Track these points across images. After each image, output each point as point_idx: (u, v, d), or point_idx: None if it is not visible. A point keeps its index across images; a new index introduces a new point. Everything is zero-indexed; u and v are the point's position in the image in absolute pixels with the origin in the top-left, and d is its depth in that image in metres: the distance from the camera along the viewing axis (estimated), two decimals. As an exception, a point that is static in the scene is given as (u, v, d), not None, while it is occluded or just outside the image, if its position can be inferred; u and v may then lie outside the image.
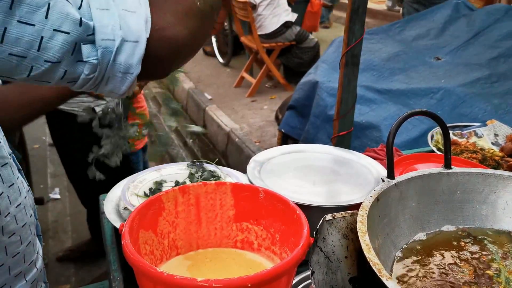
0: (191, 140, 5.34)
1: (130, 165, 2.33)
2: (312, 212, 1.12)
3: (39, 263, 0.98)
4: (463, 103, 2.79)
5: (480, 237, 0.87)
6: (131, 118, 1.74)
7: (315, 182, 1.34)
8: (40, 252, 1.01)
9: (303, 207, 0.99)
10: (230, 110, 5.38)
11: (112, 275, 1.16)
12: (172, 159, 4.71)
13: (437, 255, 0.83)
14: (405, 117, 0.86)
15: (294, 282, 1.05)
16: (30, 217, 0.93)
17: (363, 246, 0.66)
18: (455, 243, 0.86)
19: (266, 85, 6.14)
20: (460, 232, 0.90)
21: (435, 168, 0.92)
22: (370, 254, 0.64)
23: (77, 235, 3.40)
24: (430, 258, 0.82)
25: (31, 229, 0.93)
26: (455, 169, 0.92)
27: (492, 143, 1.78)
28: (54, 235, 3.48)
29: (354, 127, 1.89)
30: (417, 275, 0.78)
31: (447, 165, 0.92)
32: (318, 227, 0.78)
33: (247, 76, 6.09)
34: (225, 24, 6.93)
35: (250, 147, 4.30)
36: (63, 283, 2.96)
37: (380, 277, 0.59)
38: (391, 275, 0.74)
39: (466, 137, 1.84)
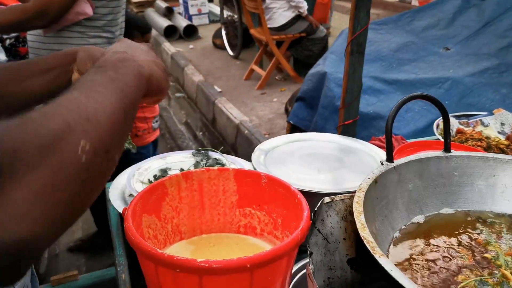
0: (200, 133, 5.36)
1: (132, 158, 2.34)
2: (316, 198, 1.11)
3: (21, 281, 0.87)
4: (471, 93, 2.78)
5: (478, 220, 0.88)
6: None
7: (320, 170, 1.35)
8: None
9: (306, 193, 1.00)
10: (239, 103, 5.38)
11: (117, 260, 1.18)
12: (182, 152, 4.71)
13: (435, 238, 0.83)
14: (404, 101, 0.86)
15: (295, 268, 1.05)
16: None
17: (358, 225, 0.66)
18: (453, 226, 0.87)
19: (276, 78, 6.12)
20: (468, 217, 0.90)
21: (434, 152, 0.93)
22: (364, 233, 0.64)
23: (88, 226, 3.44)
24: (428, 241, 0.83)
25: None
26: (454, 153, 0.92)
27: (499, 132, 1.77)
28: (65, 226, 3.53)
29: (362, 117, 1.89)
30: (415, 257, 0.79)
31: (447, 149, 0.92)
32: (316, 209, 0.79)
33: (257, 68, 6.07)
34: (235, 16, 6.93)
35: (260, 139, 4.30)
36: (73, 272, 3.00)
37: (373, 254, 0.60)
38: (387, 255, 0.75)
39: (472, 126, 1.83)
